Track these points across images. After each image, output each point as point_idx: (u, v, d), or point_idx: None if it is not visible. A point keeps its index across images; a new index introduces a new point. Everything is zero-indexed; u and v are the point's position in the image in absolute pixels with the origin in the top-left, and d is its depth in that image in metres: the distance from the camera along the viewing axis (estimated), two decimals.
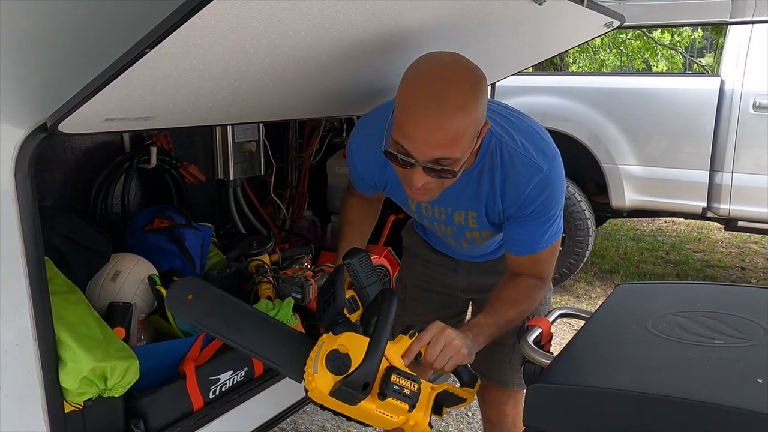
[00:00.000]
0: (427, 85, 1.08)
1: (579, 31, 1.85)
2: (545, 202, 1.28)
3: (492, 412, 1.74)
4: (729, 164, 3.68)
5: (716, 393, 0.87)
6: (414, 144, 1.09)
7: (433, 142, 1.08)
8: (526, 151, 1.26)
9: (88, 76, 0.91)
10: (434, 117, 1.06)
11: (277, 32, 0.95)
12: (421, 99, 1.07)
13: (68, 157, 2.04)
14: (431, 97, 1.06)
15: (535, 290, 1.37)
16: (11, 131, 1.03)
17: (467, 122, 1.09)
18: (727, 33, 3.87)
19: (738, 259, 5.00)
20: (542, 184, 1.25)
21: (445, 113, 1.06)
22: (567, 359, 1.05)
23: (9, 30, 1.01)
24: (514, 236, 1.35)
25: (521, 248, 1.35)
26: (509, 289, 1.36)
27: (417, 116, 1.07)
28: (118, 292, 1.68)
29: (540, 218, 1.30)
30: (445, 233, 1.48)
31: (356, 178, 1.48)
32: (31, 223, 1.08)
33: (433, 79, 1.09)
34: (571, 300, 4.07)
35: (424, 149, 1.09)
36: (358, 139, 1.40)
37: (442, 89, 1.07)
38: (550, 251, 1.35)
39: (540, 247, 1.33)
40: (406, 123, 1.09)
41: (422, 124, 1.07)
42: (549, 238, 1.33)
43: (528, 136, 1.28)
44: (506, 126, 1.29)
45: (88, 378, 1.19)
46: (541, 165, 1.25)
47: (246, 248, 2.10)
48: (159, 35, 0.78)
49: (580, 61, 11.78)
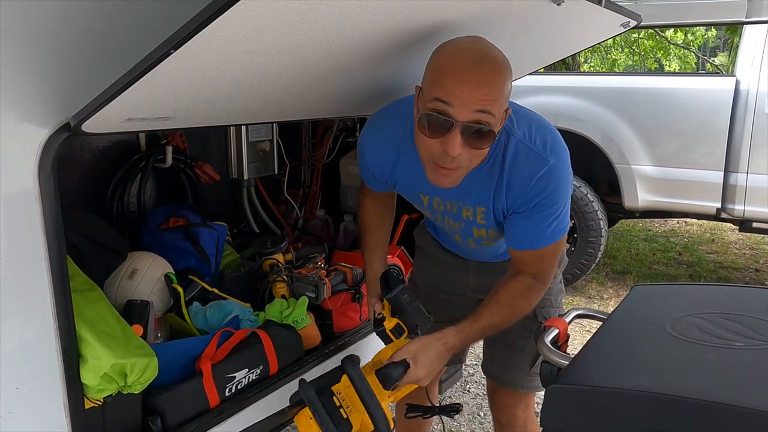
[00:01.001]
0: (467, 48, 1.14)
1: (596, 30, 1.84)
2: (550, 196, 1.27)
3: (503, 415, 1.74)
4: (744, 165, 3.64)
5: (737, 395, 0.86)
6: (458, 98, 1.10)
7: (477, 96, 1.10)
8: (532, 143, 1.27)
9: (109, 77, 0.93)
10: (478, 72, 1.10)
11: (297, 33, 0.96)
12: (462, 58, 1.12)
13: (85, 157, 2.06)
14: (472, 57, 1.12)
15: (532, 292, 1.36)
16: (35, 131, 1.05)
17: (507, 85, 1.15)
18: (743, 33, 3.83)
19: (752, 261, 4.95)
20: (547, 177, 1.25)
21: (490, 68, 1.12)
22: (585, 360, 1.05)
23: (33, 31, 1.03)
24: (516, 230, 1.34)
25: (522, 243, 1.34)
26: (506, 291, 1.35)
27: (461, 72, 1.10)
28: (135, 290, 1.69)
29: (543, 212, 1.29)
30: (454, 229, 1.48)
31: (367, 175, 1.49)
32: (54, 221, 1.09)
33: (471, 44, 1.16)
34: (583, 301, 4.05)
35: (468, 104, 1.10)
36: (369, 135, 1.41)
37: (481, 51, 1.14)
38: (552, 249, 1.34)
39: (542, 243, 1.32)
40: (448, 80, 1.11)
41: (467, 78, 1.10)
42: (551, 234, 1.31)
43: (537, 128, 1.30)
44: (514, 119, 1.30)
45: (108, 374, 1.21)
46: (547, 158, 1.25)
47: (260, 247, 2.11)
48: (183, 36, 0.79)
49: (591, 60, 11.71)
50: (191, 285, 1.81)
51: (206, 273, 1.96)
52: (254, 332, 1.66)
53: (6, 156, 1.03)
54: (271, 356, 1.64)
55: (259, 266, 2.05)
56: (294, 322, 1.76)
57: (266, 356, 1.63)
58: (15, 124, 1.03)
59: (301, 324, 1.77)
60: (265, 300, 1.92)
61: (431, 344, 1.26)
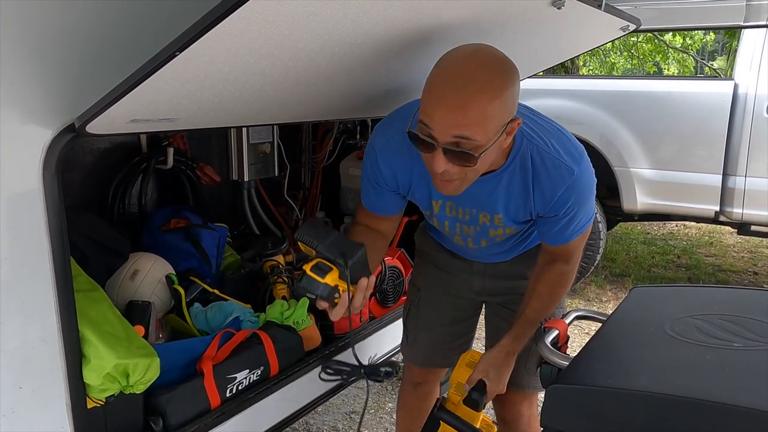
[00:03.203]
0: (456, 66, 1.10)
1: (596, 34, 1.85)
2: (576, 203, 1.30)
3: (507, 413, 1.75)
4: (742, 168, 3.66)
5: (736, 395, 0.87)
6: (434, 121, 1.09)
7: (453, 121, 1.08)
8: (557, 153, 1.27)
9: (113, 78, 0.94)
10: (458, 95, 1.06)
11: (301, 35, 0.96)
12: (448, 78, 1.08)
13: (87, 158, 2.07)
14: (458, 77, 1.08)
15: (568, 277, 1.45)
16: (39, 132, 1.06)
17: (493, 106, 1.08)
18: (741, 36, 3.85)
19: (750, 264, 4.96)
20: (573, 187, 1.28)
21: (470, 92, 1.06)
22: (585, 361, 1.05)
23: (37, 32, 1.04)
24: (549, 231, 1.40)
25: (555, 240, 1.40)
26: (544, 283, 1.44)
27: (441, 95, 1.08)
28: (137, 290, 1.70)
29: (572, 216, 1.33)
30: (467, 233, 1.48)
31: (371, 189, 1.42)
32: (58, 222, 1.10)
33: (462, 61, 1.10)
34: (582, 303, 4.06)
35: (444, 128, 1.09)
36: (383, 141, 1.36)
37: (470, 70, 1.08)
38: (583, 237, 1.40)
39: (573, 237, 1.37)
40: (429, 102, 1.10)
41: (445, 102, 1.08)
42: (581, 227, 1.37)
43: (557, 138, 1.30)
44: (536, 128, 1.29)
45: (110, 375, 1.21)
46: (572, 167, 1.27)
47: (261, 249, 2.12)
48: (188, 38, 0.80)
49: (590, 63, 11.74)
50: (192, 286, 1.82)
51: (207, 274, 1.96)
52: (255, 333, 1.67)
53: (10, 157, 1.04)
54: (271, 357, 1.65)
55: (260, 267, 2.06)
56: (294, 323, 1.77)
57: (267, 357, 1.64)
58: (20, 125, 1.04)
59: (301, 325, 1.78)
60: (266, 301, 1.93)
61: (495, 357, 1.38)
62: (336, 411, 2.68)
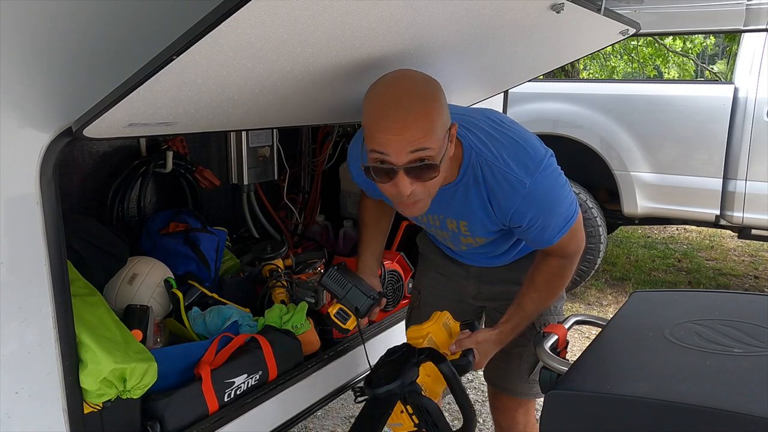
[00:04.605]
0: (387, 93, 1.17)
1: (595, 38, 1.85)
2: (538, 213, 1.30)
3: (503, 419, 1.75)
4: (743, 172, 3.65)
5: (736, 401, 0.87)
6: (390, 147, 1.14)
7: (406, 140, 1.13)
8: (506, 166, 1.28)
9: (111, 82, 0.93)
10: (402, 114, 1.12)
11: (299, 40, 0.96)
12: (383, 107, 1.15)
13: (85, 161, 2.07)
14: (392, 101, 1.15)
15: (565, 269, 1.44)
16: (36, 136, 1.06)
17: (434, 111, 1.15)
18: (741, 40, 3.85)
19: (751, 268, 4.95)
20: (528, 199, 1.28)
21: (407, 110, 1.13)
22: (584, 366, 1.05)
23: (35, 36, 1.03)
24: (525, 237, 1.41)
25: (537, 244, 1.41)
26: (541, 275, 1.44)
27: (386, 121, 1.13)
28: (135, 294, 1.69)
29: (541, 225, 1.32)
30: (443, 237, 1.54)
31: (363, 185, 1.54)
32: (55, 226, 1.10)
33: (391, 87, 1.17)
34: (582, 307, 4.05)
35: (400, 148, 1.13)
36: (351, 159, 1.48)
37: (401, 90, 1.16)
38: (570, 235, 1.38)
39: (555, 239, 1.36)
40: (376, 132, 1.15)
41: (392, 126, 1.13)
42: (560, 230, 1.35)
43: (510, 150, 1.30)
44: (487, 141, 1.31)
45: (107, 379, 1.20)
46: (523, 180, 1.27)
47: (260, 252, 2.11)
48: (186, 42, 0.80)
49: (590, 67, 11.75)
50: (191, 290, 1.81)
51: (206, 278, 1.96)
52: (253, 337, 1.66)
53: (7, 160, 1.03)
54: (270, 362, 1.64)
55: (259, 271, 2.05)
56: (293, 327, 1.76)
57: (265, 362, 1.63)
58: (17, 128, 1.03)
59: (300, 329, 1.77)
60: (265, 305, 1.92)
61: (489, 335, 1.41)
62: (335, 415, 2.67)
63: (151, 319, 1.61)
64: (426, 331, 1.39)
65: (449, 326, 1.44)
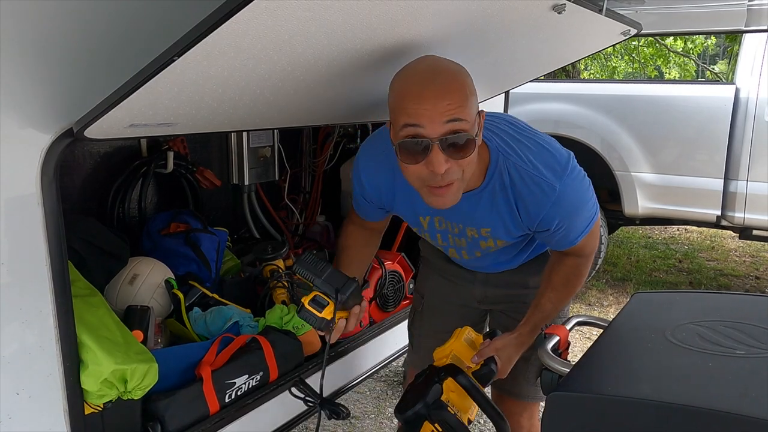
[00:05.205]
0: (418, 70, 1.14)
1: (597, 38, 1.85)
2: (566, 218, 1.29)
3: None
4: (744, 172, 3.65)
5: (738, 403, 0.86)
6: (424, 117, 1.09)
7: (442, 108, 1.09)
8: (535, 169, 1.25)
9: (112, 83, 0.93)
10: (435, 85, 1.09)
11: (300, 40, 0.96)
12: (416, 79, 1.12)
13: (86, 162, 2.07)
14: (424, 74, 1.12)
15: (582, 268, 1.44)
16: (38, 136, 1.06)
17: (465, 84, 1.13)
18: (742, 41, 3.85)
19: (752, 268, 4.95)
20: (558, 203, 1.26)
21: (443, 80, 1.11)
22: (586, 367, 1.04)
23: (36, 37, 1.03)
24: (548, 241, 1.40)
25: (559, 246, 1.40)
26: (558, 274, 1.43)
27: (419, 92, 1.10)
28: (136, 295, 1.69)
29: (567, 228, 1.31)
30: (460, 245, 1.48)
31: (360, 200, 1.46)
32: (56, 226, 1.10)
33: (418, 66, 1.15)
34: (583, 308, 4.05)
35: (436, 118, 1.09)
36: (365, 160, 1.41)
37: (431, 66, 1.14)
38: (590, 235, 1.37)
39: (577, 241, 1.36)
40: (410, 103, 1.11)
41: (427, 95, 1.09)
42: (583, 231, 1.35)
43: (536, 153, 1.27)
44: (513, 144, 1.28)
45: (108, 380, 1.20)
46: (553, 184, 1.24)
47: (261, 253, 2.11)
48: (187, 43, 0.79)
49: (591, 68, 11.74)
50: (191, 290, 1.81)
51: (207, 278, 1.96)
52: (254, 338, 1.66)
53: (9, 161, 1.03)
54: (271, 362, 1.64)
55: (260, 272, 2.05)
56: (294, 328, 1.76)
57: (266, 362, 1.63)
58: (18, 129, 1.03)
59: (301, 330, 1.77)
60: (266, 306, 1.92)
61: (508, 340, 1.38)
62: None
63: (151, 320, 1.61)
64: (449, 350, 1.36)
65: (471, 339, 1.42)
